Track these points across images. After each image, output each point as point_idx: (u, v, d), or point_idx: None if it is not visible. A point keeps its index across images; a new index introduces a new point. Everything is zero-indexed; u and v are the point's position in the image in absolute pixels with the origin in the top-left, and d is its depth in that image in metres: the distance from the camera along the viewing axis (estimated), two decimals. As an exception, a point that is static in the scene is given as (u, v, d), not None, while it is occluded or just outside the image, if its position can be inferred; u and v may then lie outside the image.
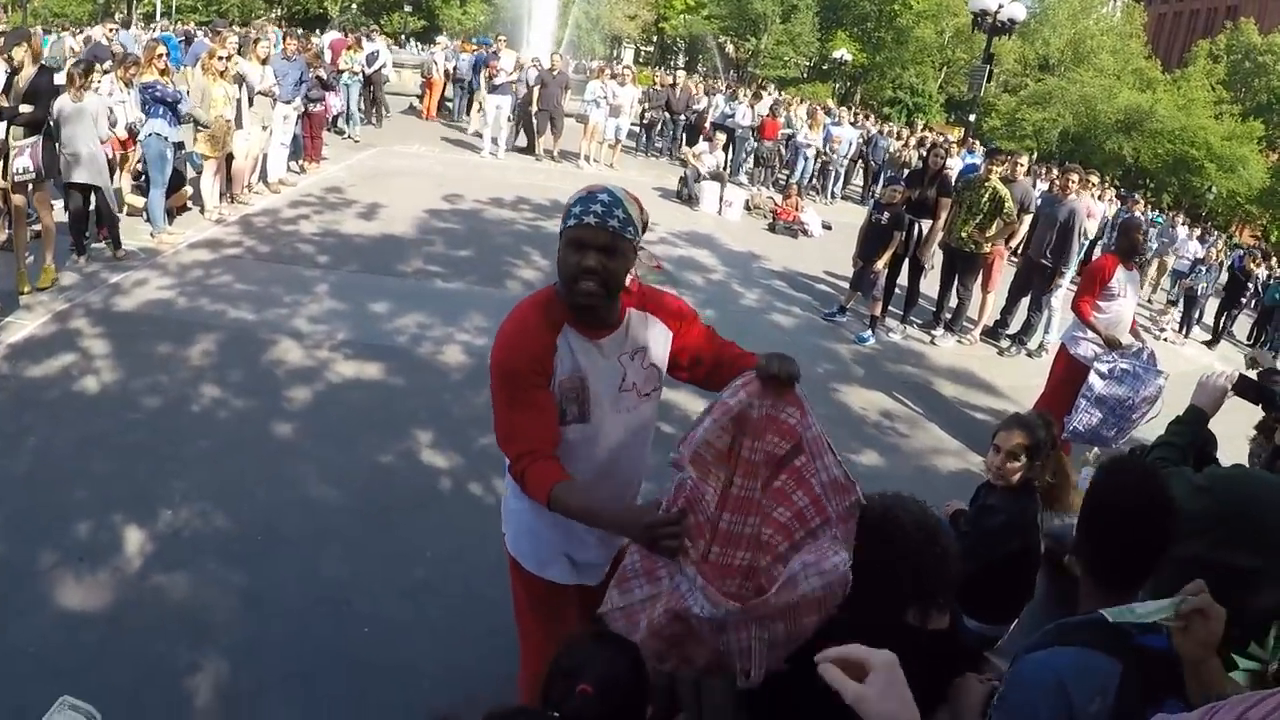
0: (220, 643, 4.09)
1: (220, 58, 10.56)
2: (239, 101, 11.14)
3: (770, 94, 24.12)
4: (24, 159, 7.79)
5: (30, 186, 8.01)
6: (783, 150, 20.77)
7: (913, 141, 21.91)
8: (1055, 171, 21.51)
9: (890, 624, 2.54)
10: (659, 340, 2.87)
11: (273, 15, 48.85)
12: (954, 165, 14.21)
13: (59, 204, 9.03)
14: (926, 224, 10.37)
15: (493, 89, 17.20)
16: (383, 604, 4.54)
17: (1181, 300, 17.42)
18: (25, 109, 7.79)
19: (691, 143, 20.32)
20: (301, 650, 4.12)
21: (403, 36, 33.99)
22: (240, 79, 11.08)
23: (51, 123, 8.41)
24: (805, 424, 2.48)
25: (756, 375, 2.45)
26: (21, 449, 5.63)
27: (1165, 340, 14.70)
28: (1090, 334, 7.07)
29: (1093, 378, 6.59)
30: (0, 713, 3.48)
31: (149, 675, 3.87)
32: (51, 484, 5.19)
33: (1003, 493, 4.15)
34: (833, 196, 20.46)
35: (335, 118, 17.01)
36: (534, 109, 17.94)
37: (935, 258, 10.73)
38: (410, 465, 6.02)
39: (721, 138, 17.45)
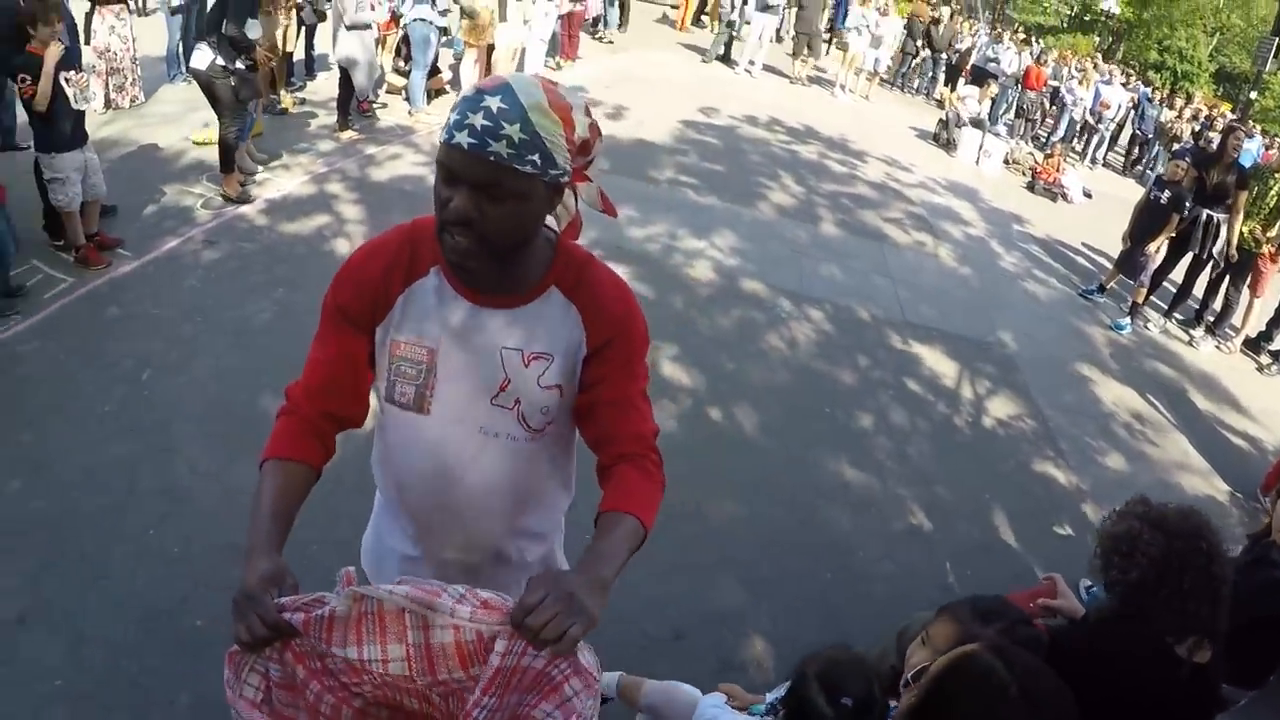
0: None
1: (486, -50, 10.59)
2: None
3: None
4: None
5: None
6: (1046, 104, 19.40)
7: (1187, 113, 20.03)
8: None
9: (1160, 652, 2.40)
10: (570, 350, 1.87)
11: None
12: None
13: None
14: (1219, 216, 9.24)
15: (763, 8, 16.70)
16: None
17: None
18: None
19: (950, 83, 19.39)
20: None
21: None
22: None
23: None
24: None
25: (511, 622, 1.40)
26: (269, 299, 5.96)
27: None
28: None
29: None
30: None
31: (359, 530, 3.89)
32: (293, 335, 5.29)
33: None
34: (1094, 162, 19.05)
35: (595, 19, 16.93)
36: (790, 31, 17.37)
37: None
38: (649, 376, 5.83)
39: (993, 87, 16.45)
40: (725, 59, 17.80)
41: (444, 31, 10.53)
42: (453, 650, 1.46)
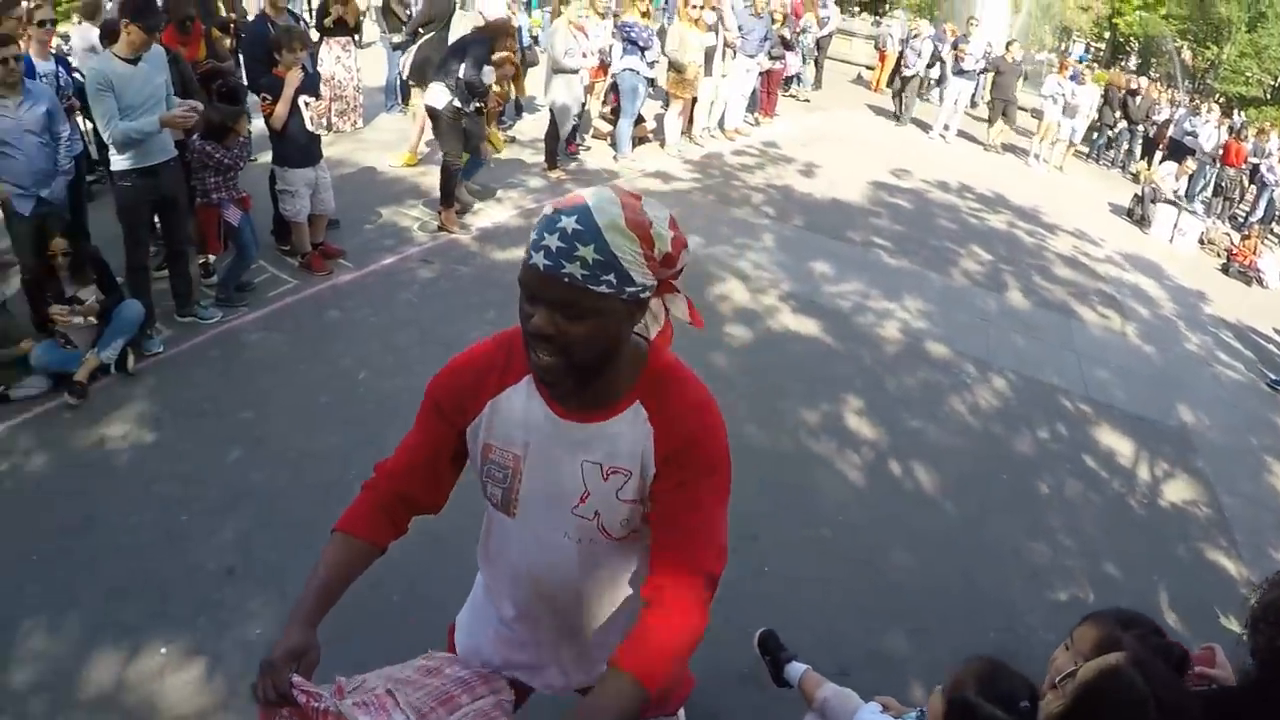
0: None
1: (695, 6, 10.97)
2: (711, 49, 11.69)
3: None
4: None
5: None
6: (1245, 181, 18.56)
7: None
8: None
9: None
10: (644, 466, 1.89)
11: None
12: None
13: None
14: None
15: (959, 72, 16.76)
16: (789, 552, 4.81)
17: None
18: None
19: (1147, 157, 18.89)
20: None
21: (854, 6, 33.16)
22: (714, 28, 11.60)
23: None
24: None
25: None
26: (480, 319, 6.57)
27: None
28: None
29: None
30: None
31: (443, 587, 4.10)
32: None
33: None
34: (1291, 245, 18.23)
35: (789, 78, 17.17)
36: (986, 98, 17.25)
37: None
38: (832, 428, 6.23)
39: (1191, 164, 15.95)
40: (919, 121, 17.90)
41: (650, 83, 11.08)
42: None
